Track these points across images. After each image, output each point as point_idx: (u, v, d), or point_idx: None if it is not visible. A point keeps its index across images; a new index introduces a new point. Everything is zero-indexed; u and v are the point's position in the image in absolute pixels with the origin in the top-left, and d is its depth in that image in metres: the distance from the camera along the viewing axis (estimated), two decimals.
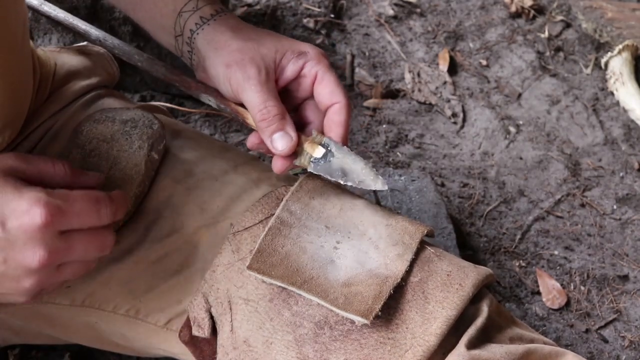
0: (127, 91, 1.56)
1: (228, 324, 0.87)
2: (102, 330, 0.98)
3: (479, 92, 1.72)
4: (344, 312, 0.82)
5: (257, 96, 0.87)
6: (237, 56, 0.87)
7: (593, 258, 1.47)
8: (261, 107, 0.86)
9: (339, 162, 0.87)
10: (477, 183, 1.57)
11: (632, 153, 1.64)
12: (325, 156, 0.88)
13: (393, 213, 0.92)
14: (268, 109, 0.86)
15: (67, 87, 1.03)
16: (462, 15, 1.87)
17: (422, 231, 0.89)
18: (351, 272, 0.85)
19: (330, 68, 0.90)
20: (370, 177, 0.87)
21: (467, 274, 0.87)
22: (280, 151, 0.87)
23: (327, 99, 0.89)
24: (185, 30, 0.91)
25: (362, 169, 0.87)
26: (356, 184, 0.87)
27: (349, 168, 0.87)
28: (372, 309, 0.81)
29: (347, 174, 0.87)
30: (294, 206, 0.90)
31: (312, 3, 1.80)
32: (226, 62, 0.88)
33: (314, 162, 0.88)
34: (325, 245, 0.87)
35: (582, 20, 1.85)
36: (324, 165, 0.87)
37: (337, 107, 0.89)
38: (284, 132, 0.87)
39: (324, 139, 0.88)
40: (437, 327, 0.82)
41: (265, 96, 0.87)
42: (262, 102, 0.86)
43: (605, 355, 1.35)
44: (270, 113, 0.86)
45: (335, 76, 0.90)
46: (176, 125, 1.05)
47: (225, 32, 0.90)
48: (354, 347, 0.82)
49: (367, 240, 0.88)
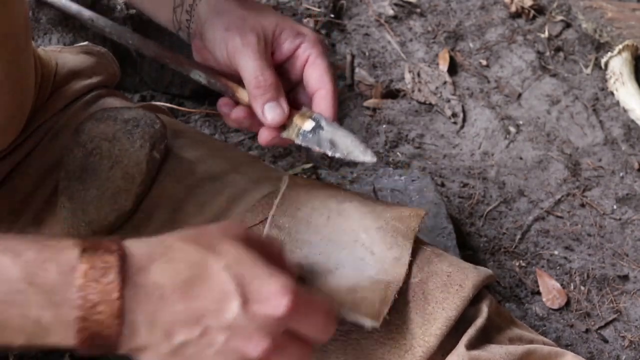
0: (127, 91, 1.56)
1: None
2: None
3: (479, 92, 1.73)
4: (352, 315, 0.81)
5: (255, 64, 0.85)
6: (238, 22, 0.86)
7: (593, 258, 1.47)
8: (257, 74, 0.85)
9: (328, 135, 0.85)
10: (477, 183, 1.57)
11: (632, 153, 1.64)
12: (314, 130, 0.85)
13: (382, 212, 0.90)
14: (265, 77, 0.85)
15: (68, 87, 1.03)
16: (462, 15, 1.87)
17: (414, 229, 0.89)
18: (353, 280, 0.84)
19: (324, 54, 0.88)
20: (359, 149, 0.84)
21: (467, 275, 0.87)
22: (269, 121, 0.86)
23: (314, 83, 0.88)
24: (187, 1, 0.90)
25: (352, 141, 0.84)
26: (344, 155, 0.84)
27: (339, 140, 0.85)
28: (380, 312, 0.81)
29: (336, 145, 0.84)
30: (281, 220, 0.89)
31: (312, 3, 1.80)
32: (226, 26, 0.86)
33: (302, 134, 0.85)
34: (320, 257, 0.86)
35: (582, 20, 1.85)
36: (313, 138, 0.85)
37: (322, 92, 0.87)
38: (276, 103, 0.85)
39: (314, 114, 0.86)
40: (437, 328, 0.82)
41: (262, 64, 0.85)
42: (259, 69, 0.85)
43: (605, 355, 1.35)
44: (266, 82, 0.85)
45: (327, 63, 0.88)
46: (176, 125, 1.06)
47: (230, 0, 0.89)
48: (354, 347, 0.82)
49: (361, 246, 0.87)
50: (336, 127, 0.85)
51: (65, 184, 0.94)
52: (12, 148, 0.96)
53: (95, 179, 0.93)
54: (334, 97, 0.87)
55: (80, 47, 1.10)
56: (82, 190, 0.92)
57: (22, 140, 0.97)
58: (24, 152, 0.97)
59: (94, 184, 0.92)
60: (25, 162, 0.97)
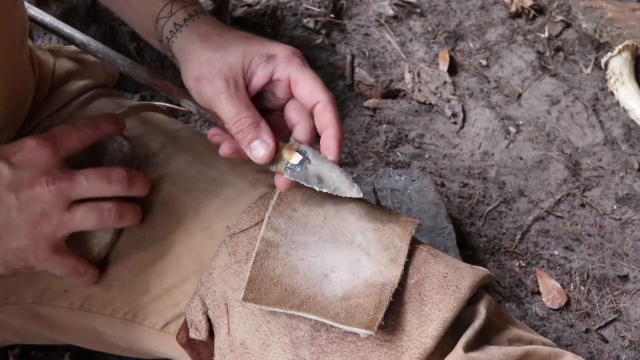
0: (127, 91, 1.56)
1: (225, 327, 0.87)
2: (101, 333, 0.98)
3: (479, 92, 1.72)
4: (347, 326, 0.81)
5: (229, 110, 0.86)
6: (205, 69, 0.86)
7: (593, 258, 1.47)
8: (235, 120, 0.86)
9: (315, 169, 0.86)
10: (477, 183, 1.57)
11: (632, 153, 1.64)
12: (302, 163, 0.86)
13: (378, 214, 0.91)
14: (242, 121, 0.86)
15: (65, 87, 1.03)
16: (462, 15, 1.87)
17: (410, 231, 0.88)
18: (348, 285, 0.84)
19: (303, 66, 0.87)
20: (345, 185, 0.85)
21: (463, 276, 0.87)
22: (259, 159, 0.86)
23: (308, 99, 0.87)
24: (164, 37, 0.91)
25: (338, 176, 0.85)
26: (332, 190, 0.85)
27: (325, 175, 0.85)
28: (375, 319, 0.81)
29: (323, 181, 0.85)
30: (277, 221, 0.89)
31: (312, 3, 1.80)
32: (195, 76, 0.87)
33: (291, 169, 0.86)
34: (317, 259, 0.86)
35: (582, 20, 1.84)
36: (300, 172, 0.86)
37: (320, 106, 0.87)
38: (260, 140, 0.86)
39: (301, 146, 0.87)
40: (433, 330, 0.82)
41: (236, 109, 0.86)
42: (234, 114, 0.86)
43: (605, 355, 1.35)
44: (244, 124, 0.86)
45: (311, 73, 0.87)
46: (175, 125, 1.05)
47: (195, 42, 0.88)
48: (351, 349, 0.82)
49: (357, 247, 0.87)
50: (322, 160, 0.86)
51: None
52: None
53: None
54: (332, 106, 0.87)
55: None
56: None
57: None
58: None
59: None
60: None
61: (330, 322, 0.81)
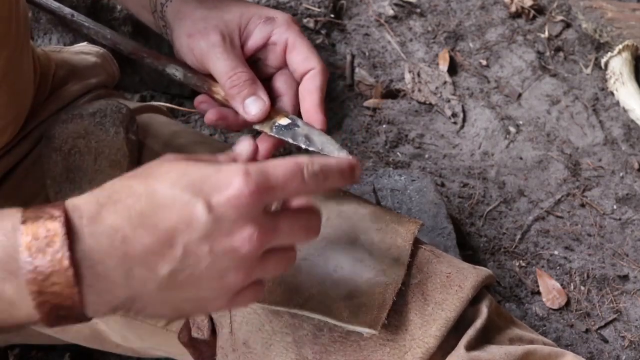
0: (127, 91, 1.56)
1: (227, 326, 0.87)
2: (101, 331, 0.98)
3: (479, 92, 1.72)
4: (350, 326, 0.81)
5: (225, 64, 0.83)
6: (200, 25, 0.84)
7: (593, 258, 1.47)
8: (230, 74, 0.83)
9: (303, 131, 0.83)
10: (477, 183, 1.57)
11: (632, 153, 1.64)
12: (290, 126, 0.83)
13: (381, 215, 0.91)
14: (238, 75, 0.83)
15: (66, 87, 1.03)
16: (462, 15, 1.87)
17: (413, 232, 0.88)
18: (351, 284, 0.84)
19: (301, 34, 0.86)
20: (335, 147, 0.82)
21: (466, 276, 0.87)
22: (253, 116, 0.83)
23: (301, 66, 0.85)
24: (158, 5, 0.88)
25: (327, 139, 0.82)
26: (319, 149, 0.81)
27: (314, 137, 0.83)
28: (378, 318, 0.81)
29: (311, 140, 0.82)
30: None
31: (312, 3, 1.80)
32: (188, 32, 0.84)
33: (277, 127, 0.83)
34: (320, 258, 0.86)
35: (582, 20, 1.85)
36: (287, 132, 0.83)
37: (311, 73, 0.84)
38: (256, 96, 0.83)
39: (289, 114, 0.85)
40: (436, 329, 0.82)
41: (232, 63, 0.83)
42: (230, 69, 0.83)
43: (605, 355, 1.35)
44: (240, 79, 0.83)
45: (308, 42, 0.85)
46: (175, 125, 1.05)
47: (191, 2, 0.86)
48: (353, 348, 0.82)
49: (360, 247, 0.86)
50: (311, 127, 0.84)
51: (55, 189, 0.93)
52: (10, 148, 0.96)
53: (84, 175, 0.92)
54: (323, 75, 0.84)
55: (79, 47, 1.10)
56: (74, 189, 0.92)
57: (19, 140, 0.97)
58: (21, 152, 0.97)
59: (84, 179, 0.92)
60: (23, 163, 0.97)
61: (334, 321, 0.81)
